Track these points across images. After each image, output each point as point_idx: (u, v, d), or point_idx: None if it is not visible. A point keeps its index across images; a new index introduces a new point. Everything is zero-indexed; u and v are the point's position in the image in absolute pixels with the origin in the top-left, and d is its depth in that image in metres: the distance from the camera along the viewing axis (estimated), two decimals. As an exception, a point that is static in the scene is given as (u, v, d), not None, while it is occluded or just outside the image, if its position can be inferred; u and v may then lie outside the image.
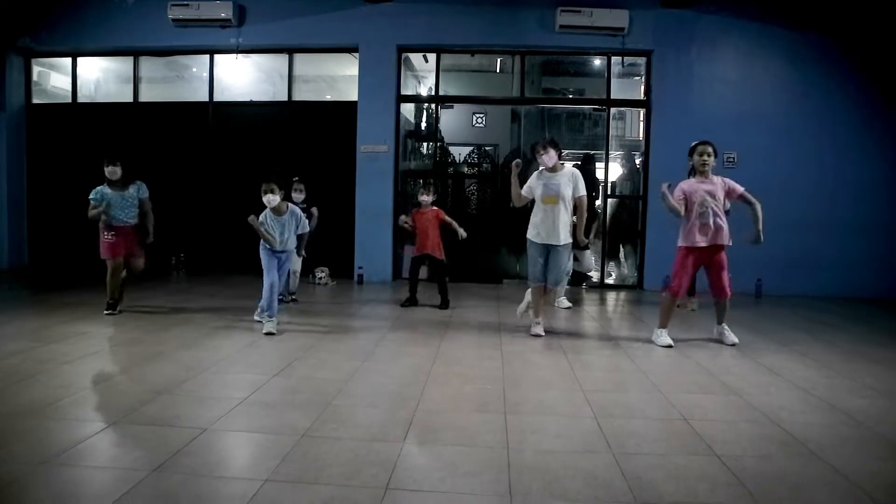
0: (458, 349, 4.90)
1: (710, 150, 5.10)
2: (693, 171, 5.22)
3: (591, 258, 7.04)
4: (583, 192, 5.30)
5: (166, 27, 8.73)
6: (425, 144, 10.11)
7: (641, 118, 9.38)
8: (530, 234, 5.40)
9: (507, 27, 8.57)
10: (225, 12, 8.57)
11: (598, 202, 9.26)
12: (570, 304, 7.04)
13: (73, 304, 6.37)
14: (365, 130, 8.78)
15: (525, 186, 5.46)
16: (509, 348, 4.96)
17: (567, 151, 12.65)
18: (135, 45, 9.12)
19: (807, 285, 8.18)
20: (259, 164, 9.15)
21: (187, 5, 8.55)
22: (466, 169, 9.58)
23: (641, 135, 9.33)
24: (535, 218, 5.37)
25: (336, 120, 9.01)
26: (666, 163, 8.51)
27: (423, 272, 7.08)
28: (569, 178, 5.26)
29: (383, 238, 8.70)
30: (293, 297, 6.86)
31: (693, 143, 5.24)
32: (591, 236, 7.26)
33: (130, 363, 4.24)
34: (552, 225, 5.25)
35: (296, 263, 6.62)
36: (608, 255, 9.25)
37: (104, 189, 5.86)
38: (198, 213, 9.17)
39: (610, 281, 9.22)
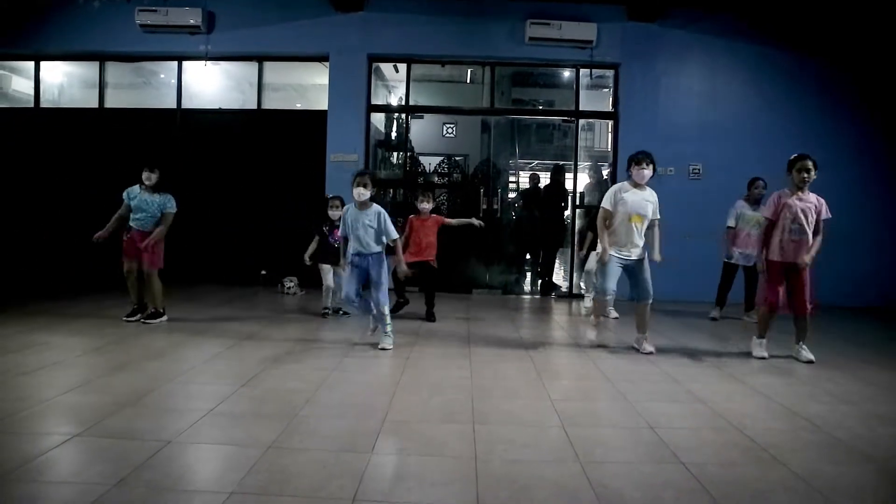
0: (426, 359, 4.89)
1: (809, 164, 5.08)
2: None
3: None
4: (658, 214, 5.35)
5: (134, 32, 8.62)
6: (395, 154, 10.12)
7: (609, 129, 9.51)
8: (612, 250, 5.29)
9: (477, 38, 8.64)
10: (194, 19, 8.50)
11: (567, 212, 9.35)
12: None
13: (34, 312, 6.23)
14: (335, 139, 8.76)
15: (607, 200, 5.34)
16: (478, 358, 4.97)
17: (536, 162, 12.77)
18: (101, 50, 8.99)
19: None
20: (227, 172, 9.07)
21: (155, 11, 8.45)
22: (437, 178, 9.60)
23: (609, 146, 9.46)
24: (617, 235, 5.28)
25: (306, 129, 8.97)
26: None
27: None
28: (653, 198, 5.30)
29: (353, 247, 8.64)
30: (328, 310, 6.74)
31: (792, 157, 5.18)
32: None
33: (93, 374, 4.15)
34: (635, 241, 5.25)
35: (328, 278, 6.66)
36: (576, 264, 9.32)
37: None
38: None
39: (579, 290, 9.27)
